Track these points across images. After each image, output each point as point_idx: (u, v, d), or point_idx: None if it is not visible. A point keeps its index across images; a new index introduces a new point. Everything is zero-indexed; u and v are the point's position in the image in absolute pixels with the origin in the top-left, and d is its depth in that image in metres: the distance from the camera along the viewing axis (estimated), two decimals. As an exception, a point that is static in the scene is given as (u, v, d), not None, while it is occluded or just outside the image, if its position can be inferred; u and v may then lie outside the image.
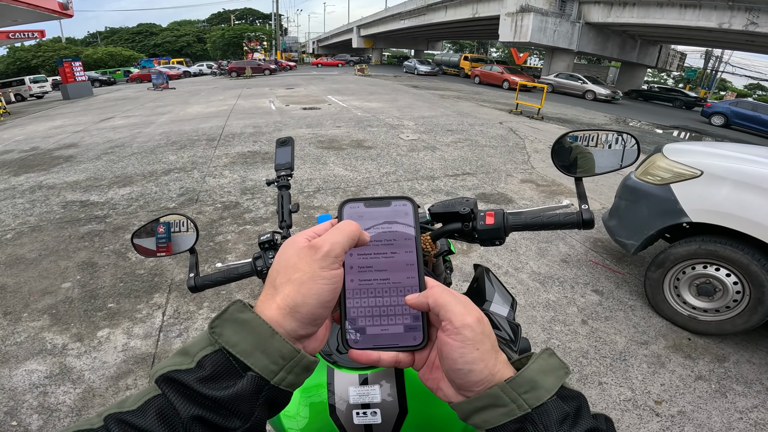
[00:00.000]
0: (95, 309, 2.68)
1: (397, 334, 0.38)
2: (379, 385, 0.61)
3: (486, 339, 0.35)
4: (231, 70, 29.44)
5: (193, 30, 66.74)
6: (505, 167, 5.92)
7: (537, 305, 2.77)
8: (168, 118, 10.27)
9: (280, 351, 0.32)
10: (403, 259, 0.39)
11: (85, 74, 20.48)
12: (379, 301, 0.38)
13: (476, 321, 0.35)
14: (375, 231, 0.39)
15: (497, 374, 0.35)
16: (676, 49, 33.32)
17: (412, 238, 0.39)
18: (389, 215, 0.39)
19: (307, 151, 6.55)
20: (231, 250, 3.41)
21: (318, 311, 0.34)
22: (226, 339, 0.31)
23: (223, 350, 0.31)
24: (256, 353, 0.31)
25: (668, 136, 11.09)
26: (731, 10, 17.28)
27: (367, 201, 0.40)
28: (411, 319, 0.38)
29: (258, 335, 0.32)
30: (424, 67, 31.99)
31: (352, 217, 0.39)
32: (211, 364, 0.30)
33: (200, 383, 0.30)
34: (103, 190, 4.87)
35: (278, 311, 0.33)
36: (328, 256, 0.34)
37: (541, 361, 0.35)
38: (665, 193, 2.56)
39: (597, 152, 0.68)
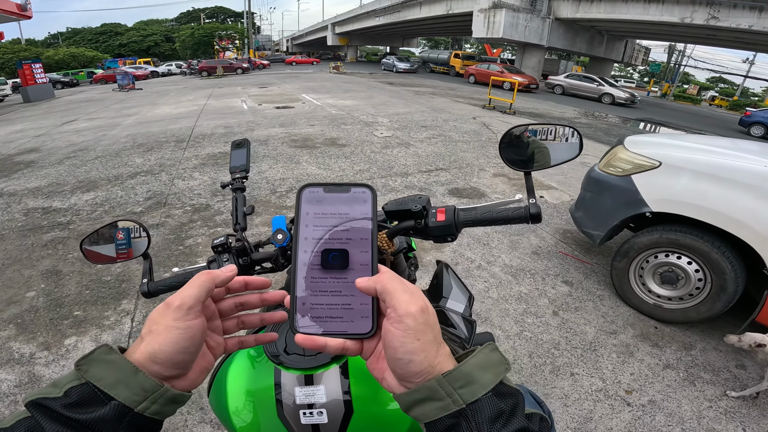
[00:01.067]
0: (61, 317, 2.61)
1: (346, 322, 0.38)
2: (325, 386, 0.61)
3: (428, 330, 0.35)
4: (201, 69, 28.76)
5: (161, 29, 64.91)
6: (477, 162, 6.00)
7: (510, 298, 2.82)
8: (134, 120, 9.96)
9: (143, 385, 0.34)
10: (358, 245, 0.38)
11: (46, 76, 19.65)
12: (331, 286, 0.38)
13: (419, 310, 0.35)
14: (332, 217, 0.39)
15: (437, 366, 0.35)
16: (641, 44, 34.51)
17: (369, 224, 0.39)
18: (348, 201, 0.39)
19: (280, 150, 6.46)
20: (201, 253, 3.35)
21: (177, 357, 0.36)
22: (92, 374, 0.34)
23: (89, 383, 0.34)
24: (119, 386, 0.34)
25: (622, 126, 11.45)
26: (693, 4, 17.93)
27: (326, 186, 0.40)
28: (361, 307, 0.38)
29: (122, 372, 0.34)
30: (402, 64, 31.08)
31: (310, 202, 0.39)
32: (77, 393, 0.33)
33: (66, 408, 0.32)
34: (65, 196, 4.69)
35: (141, 356, 0.36)
36: (179, 309, 0.37)
37: (481, 356, 0.36)
38: (627, 184, 2.65)
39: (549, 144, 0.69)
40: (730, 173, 2.29)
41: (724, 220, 2.26)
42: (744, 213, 2.20)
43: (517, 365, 2.25)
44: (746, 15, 16.64)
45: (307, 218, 0.39)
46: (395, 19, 35.77)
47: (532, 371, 2.21)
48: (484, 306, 2.72)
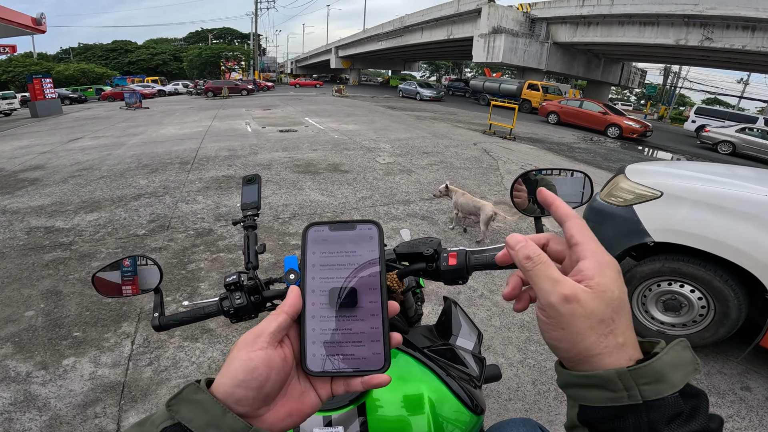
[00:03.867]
0: (60, 337, 2.60)
1: (359, 359, 0.38)
2: (344, 427, 0.62)
3: (579, 319, 0.33)
4: (207, 89, 29.26)
5: (169, 48, 66.25)
6: (479, 189, 6.05)
7: (512, 326, 2.81)
8: (140, 140, 10.09)
9: (232, 427, 0.34)
10: (367, 283, 0.38)
11: (56, 91, 19.87)
12: (341, 324, 0.38)
13: (561, 300, 0.34)
14: (339, 256, 0.39)
15: (599, 357, 0.33)
16: (637, 66, 35.25)
17: (376, 261, 0.39)
18: (354, 239, 0.39)
19: (283, 175, 6.52)
20: (204, 278, 3.34)
21: (237, 391, 0.35)
22: (182, 416, 0.34)
23: (181, 424, 0.34)
24: (209, 428, 0.33)
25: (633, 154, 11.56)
26: (687, 26, 18.42)
27: (331, 225, 0.40)
28: (372, 344, 0.38)
29: (211, 413, 0.34)
30: (427, 91, 27.11)
31: (315, 241, 0.39)
32: None
33: None
34: (69, 216, 4.71)
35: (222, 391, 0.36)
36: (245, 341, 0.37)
37: (673, 353, 0.33)
38: (628, 214, 2.67)
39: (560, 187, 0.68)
40: (729, 202, 2.32)
41: (725, 249, 2.28)
42: (744, 241, 2.22)
43: (520, 392, 2.23)
44: (739, 35, 17.05)
45: (314, 258, 0.39)
46: (397, 44, 36.63)
47: (536, 398, 2.19)
48: (486, 334, 2.70)
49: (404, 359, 0.78)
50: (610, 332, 0.33)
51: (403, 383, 0.72)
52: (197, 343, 2.55)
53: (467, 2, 25.42)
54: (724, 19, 16.98)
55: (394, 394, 0.70)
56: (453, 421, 0.72)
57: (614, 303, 0.34)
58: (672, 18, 18.65)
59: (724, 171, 3.07)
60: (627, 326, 0.34)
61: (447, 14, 27.72)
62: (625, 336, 0.34)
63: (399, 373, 0.74)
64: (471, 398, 0.77)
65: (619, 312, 0.34)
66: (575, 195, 0.69)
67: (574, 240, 0.38)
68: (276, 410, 0.37)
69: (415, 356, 0.78)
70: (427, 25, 30.96)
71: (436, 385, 0.74)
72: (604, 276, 0.34)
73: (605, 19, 21.46)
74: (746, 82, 40.35)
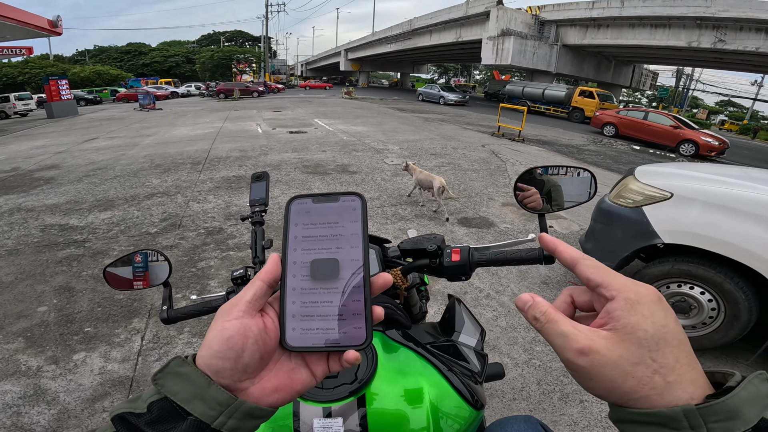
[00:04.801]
0: (71, 333, 2.64)
1: (339, 334, 0.36)
2: (343, 418, 0.63)
3: (602, 369, 0.32)
4: (219, 91, 29.59)
5: (182, 50, 67.05)
6: (486, 191, 6.04)
7: (518, 327, 2.80)
8: (153, 140, 10.24)
9: (217, 398, 0.34)
10: (349, 255, 0.37)
11: (71, 93, 20.18)
12: (322, 298, 0.37)
13: (577, 354, 0.33)
14: (321, 227, 0.38)
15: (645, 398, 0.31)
16: (649, 68, 34.79)
17: (359, 232, 0.38)
18: (337, 210, 0.38)
19: (293, 176, 6.57)
20: (213, 276, 3.38)
21: (215, 362, 0.34)
22: (168, 389, 0.34)
23: (167, 398, 0.34)
24: (194, 400, 0.34)
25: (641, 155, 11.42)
26: (699, 28, 18.19)
27: (315, 197, 0.39)
28: (354, 317, 0.37)
29: (195, 385, 0.34)
30: (452, 95, 25.28)
31: (298, 213, 0.39)
32: (158, 409, 0.34)
33: (148, 425, 0.33)
34: (83, 214, 4.80)
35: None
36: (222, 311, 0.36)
37: (751, 387, 0.30)
38: (638, 215, 2.65)
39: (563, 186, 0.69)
40: (741, 204, 2.30)
41: (737, 251, 2.25)
42: (756, 244, 2.20)
43: (525, 392, 2.22)
44: (753, 37, 16.81)
45: (296, 230, 0.38)
46: (406, 46, 36.71)
47: (540, 398, 2.18)
48: (492, 334, 2.70)
49: (405, 353, 0.78)
50: (654, 372, 0.31)
51: (403, 377, 0.73)
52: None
53: (476, 5, 25.40)
54: (736, 21, 16.75)
55: (394, 387, 0.70)
56: (452, 416, 0.72)
57: (649, 342, 0.31)
58: (684, 20, 18.43)
59: (737, 173, 3.03)
60: (676, 360, 0.31)
61: (455, 17, 27.73)
62: (677, 373, 0.31)
63: (399, 366, 0.75)
64: (471, 393, 0.77)
65: (661, 348, 0.31)
66: (581, 194, 0.69)
67: (593, 282, 0.36)
68: (261, 384, 0.36)
69: (417, 350, 0.79)
70: (435, 27, 30.99)
71: (436, 380, 0.75)
72: (634, 314, 0.32)
73: (615, 21, 21.26)
74: (760, 84, 39.62)
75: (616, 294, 0.33)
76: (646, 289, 0.34)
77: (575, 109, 21.18)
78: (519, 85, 25.69)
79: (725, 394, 0.29)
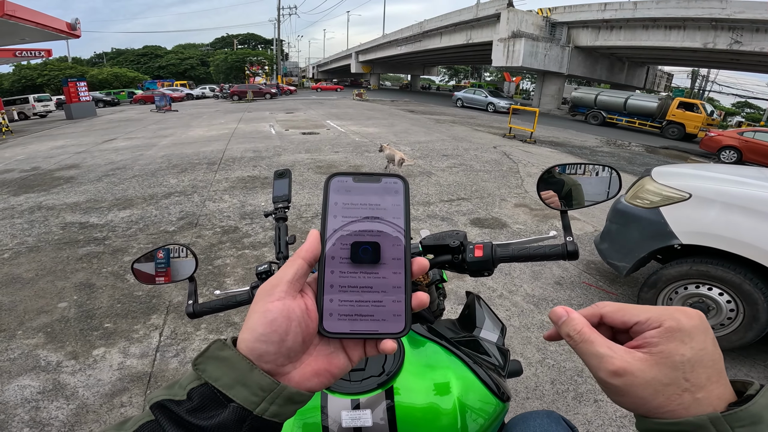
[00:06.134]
0: (91, 328, 2.68)
1: (378, 320, 0.35)
2: (371, 410, 0.64)
3: (634, 389, 0.33)
4: (233, 93, 29.98)
5: (196, 53, 67.94)
6: (499, 192, 6.02)
7: (531, 326, 2.79)
8: (170, 141, 10.40)
9: (260, 383, 0.33)
10: (390, 239, 0.36)
11: (90, 94, 20.59)
12: (361, 282, 0.36)
13: (610, 375, 0.33)
14: (362, 208, 0.37)
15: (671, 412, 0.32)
16: (663, 69, 34.20)
17: (401, 216, 0.36)
18: (379, 192, 0.37)
19: (306, 176, 6.63)
20: (229, 274, 3.43)
21: (258, 346, 0.34)
22: (209, 374, 0.33)
23: (208, 384, 0.33)
24: (237, 386, 0.33)
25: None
26: (715, 29, 17.80)
27: (356, 176, 0.37)
28: (394, 305, 0.36)
29: (238, 370, 0.33)
30: (503, 101, 22.32)
31: (339, 192, 0.37)
32: (199, 396, 0.33)
33: (189, 413, 0.32)
34: (102, 212, 4.90)
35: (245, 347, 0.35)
36: (263, 291, 0.35)
37: None
38: (655, 216, 2.62)
39: (585, 183, 0.69)
40: (761, 205, 2.27)
41: (756, 252, 2.23)
42: None
43: (539, 391, 2.22)
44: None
45: (336, 209, 0.36)
46: (416, 48, 36.67)
47: (554, 398, 2.18)
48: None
49: (432, 347, 0.79)
50: (685, 391, 0.32)
51: (430, 370, 0.74)
52: (222, 335, 2.62)
53: (486, 7, 25.27)
54: (753, 23, 16.39)
55: (422, 380, 0.71)
56: (479, 408, 0.73)
57: (685, 365, 0.32)
58: (699, 21, 18.07)
59: (755, 173, 2.98)
60: (708, 379, 0.32)
61: (466, 19, 27.61)
62: (706, 390, 0.32)
63: (426, 360, 0.76)
64: (497, 386, 0.78)
65: (696, 370, 0.32)
66: (600, 194, 0.69)
67: (629, 323, 0.35)
68: (302, 368, 0.35)
69: (443, 344, 0.80)
70: (446, 30, 30.90)
71: (463, 372, 0.75)
72: (672, 341, 0.32)
73: (628, 23, 20.94)
74: (776, 85, 38.77)
75: (656, 324, 0.34)
76: (686, 314, 0.34)
77: (672, 124, 17.68)
78: (590, 93, 21.73)
79: (746, 401, 0.31)
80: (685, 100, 18.25)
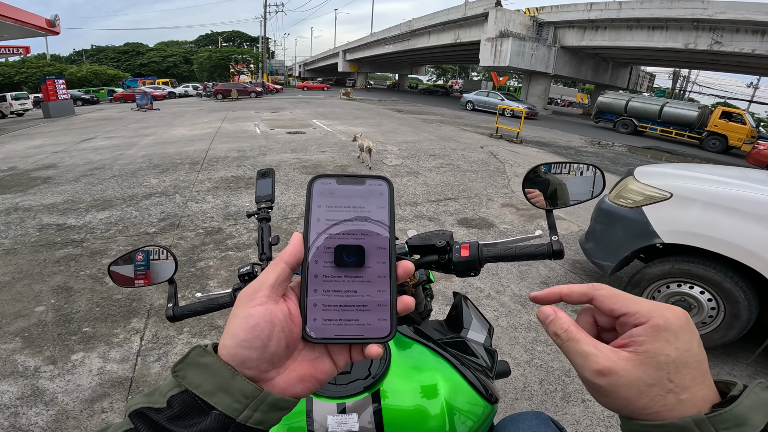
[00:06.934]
0: (69, 333, 2.62)
1: (363, 325, 0.35)
2: (358, 414, 0.63)
3: (618, 389, 0.32)
4: (217, 92, 29.52)
5: (180, 51, 67.06)
6: (486, 191, 6.05)
7: (519, 327, 2.80)
8: (151, 140, 10.20)
9: (242, 390, 0.32)
10: (375, 242, 0.35)
11: (68, 92, 20.12)
12: (346, 286, 0.35)
13: (595, 374, 0.33)
14: (346, 210, 0.36)
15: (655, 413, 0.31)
16: (646, 70, 35.07)
17: (386, 218, 0.36)
18: (363, 194, 0.36)
19: (292, 176, 6.57)
20: (213, 276, 3.37)
21: (240, 352, 0.33)
22: (190, 381, 0.32)
23: (189, 391, 0.32)
24: (218, 393, 0.32)
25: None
26: (696, 30, 18.24)
27: (340, 177, 0.37)
28: (379, 309, 0.35)
29: (219, 377, 0.32)
30: (522, 105, 19.17)
31: (322, 194, 0.36)
32: (179, 403, 0.32)
33: (169, 421, 0.31)
34: (80, 214, 4.77)
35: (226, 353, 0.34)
36: (244, 296, 0.35)
37: (753, 395, 0.31)
38: (638, 215, 2.65)
39: (570, 183, 0.69)
40: (741, 204, 2.31)
41: (737, 251, 2.27)
42: (756, 243, 2.21)
43: (527, 392, 2.22)
44: (749, 39, 16.87)
45: (319, 211, 0.36)
46: (404, 47, 36.72)
47: (542, 398, 2.19)
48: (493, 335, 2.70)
49: (418, 349, 0.78)
50: (669, 392, 0.31)
51: (417, 372, 0.73)
52: (206, 339, 2.57)
53: (474, 6, 25.44)
54: (733, 23, 16.84)
55: (409, 382, 0.70)
56: (467, 410, 0.72)
57: (669, 366, 0.31)
58: (681, 22, 18.51)
59: (736, 173, 3.05)
60: (692, 380, 0.31)
61: (454, 18, 27.75)
62: (690, 392, 0.31)
63: (413, 362, 0.75)
64: (485, 387, 0.77)
65: (680, 371, 0.31)
66: (585, 193, 0.70)
67: (617, 313, 0.34)
68: (287, 374, 0.35)
69: (430, 346, 0.79)
70: (434, 29, 31.02)
71: (450, 374, 0.75)
72: (658, 340, 0.32)
73: (613, 23, 21.34)
74: (756, 86, 39.98)
75: (644, 320, 0.33)
76: (674, 313, 0.33)
77: (713, 135, 16.38)
78: (620, 98, 19.88)
79: (730, 402, 0.30)
80: (728, 109, 16.95)
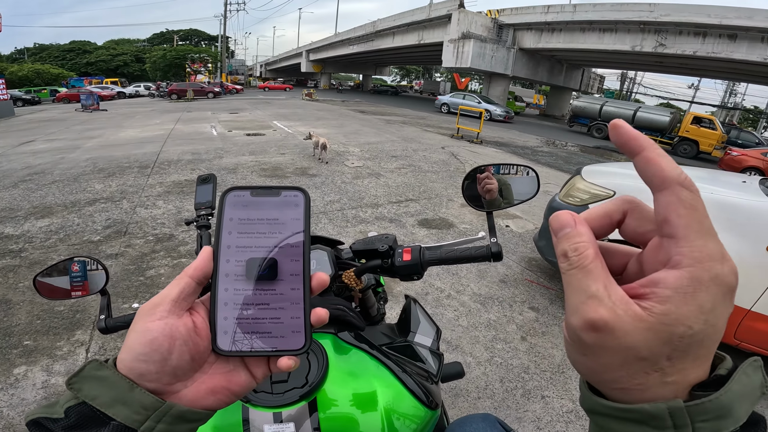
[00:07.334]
0: (10, 346, 2.49)
1: (276, 337, 0.34)
2: (294, 423, 0.62)
3: (603, 352, 0.25)
4: (171, 92, 28.47)
5: (131, 49, 64.15)
6: (446, 192, 6.14)
7: (479, 325, 2.86)
8: (97, 143, 9.64)
9: (141, 402, 0.32)
10: (289, 254, 0.35)
11: (8, 92, 18.89)
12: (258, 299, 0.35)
13: (584, 327, 0.25)
14: (260, 223, 0.35)
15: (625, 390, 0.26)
16: (596, 72, 37.14)
17: (300, 231, 0.35)
18: (278, 206, 0.36)
19: (250, 179, 6.40)
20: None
21: (138, 366, 0.32)
22: (86, 393, 0.32)
23: (86, 402, 0.31)
24: (116, 405, 0.31)
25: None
26: (643, 32, 19.54)
27: (254, 189, 0.36)
28: (292, 321, 0.35)
29: (117, 389, 0.32)
30: (500, 109, 20.67)
31: (235, 207, 0.35)
32: (76, 414, 0.31)
33: (65, 430, 0.31)
34: (18, 222, 4.44)
35: None
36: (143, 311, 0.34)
37: (744, 379, 0.25)
38: (586, 213, 2.78)
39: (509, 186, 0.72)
40: None
41: None
42: None
43: (489, 390, 2.27)
44: (691, 41, 18.16)
45: (231, 224, 0.35)
46: (369, 48, 36.84)
47: (504, 396, 2.23)
48: (454, 334, 2.74)
49: (358, 355, 0.78)
50: (657, 371, 0.24)
51: (355, 379, 0.72)
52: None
53: (438, 8, 25.92)
54: (677, 26, 18.10)
55: (347, 390, 0.70)
56: (407, 416, 0.72)
57: (682, 342, 0.24)
58: (629, 24, 19.75)
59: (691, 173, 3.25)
60: (694, 361, 0.25)
61: (418, 19, 28.14)
62: (683, 373, 0.25)
63: (352, 369, 0.74)
64: (426, 393, 0.77)
65: (690, 350, 0.24)
66: (528, 193, 0.72)
67: (669, 230, 0.24)
68: (195, 386, 0.34)
69: (370, 352, 0.78)
70: (398, 29, 31.32)
71: (389, 381, 0.74)
72: (689, 303, 0.23)
73: (568, 25, 22.44)
74: (697, 87, 43.04)
75: (684, 263, 0.24)
76: (729, 268, 0.24)
77: (684, 141, 16.25)
78: (594, 102, 19.86)
79: (716, 385, 0.24)
80: (699, 114, 17.04)
